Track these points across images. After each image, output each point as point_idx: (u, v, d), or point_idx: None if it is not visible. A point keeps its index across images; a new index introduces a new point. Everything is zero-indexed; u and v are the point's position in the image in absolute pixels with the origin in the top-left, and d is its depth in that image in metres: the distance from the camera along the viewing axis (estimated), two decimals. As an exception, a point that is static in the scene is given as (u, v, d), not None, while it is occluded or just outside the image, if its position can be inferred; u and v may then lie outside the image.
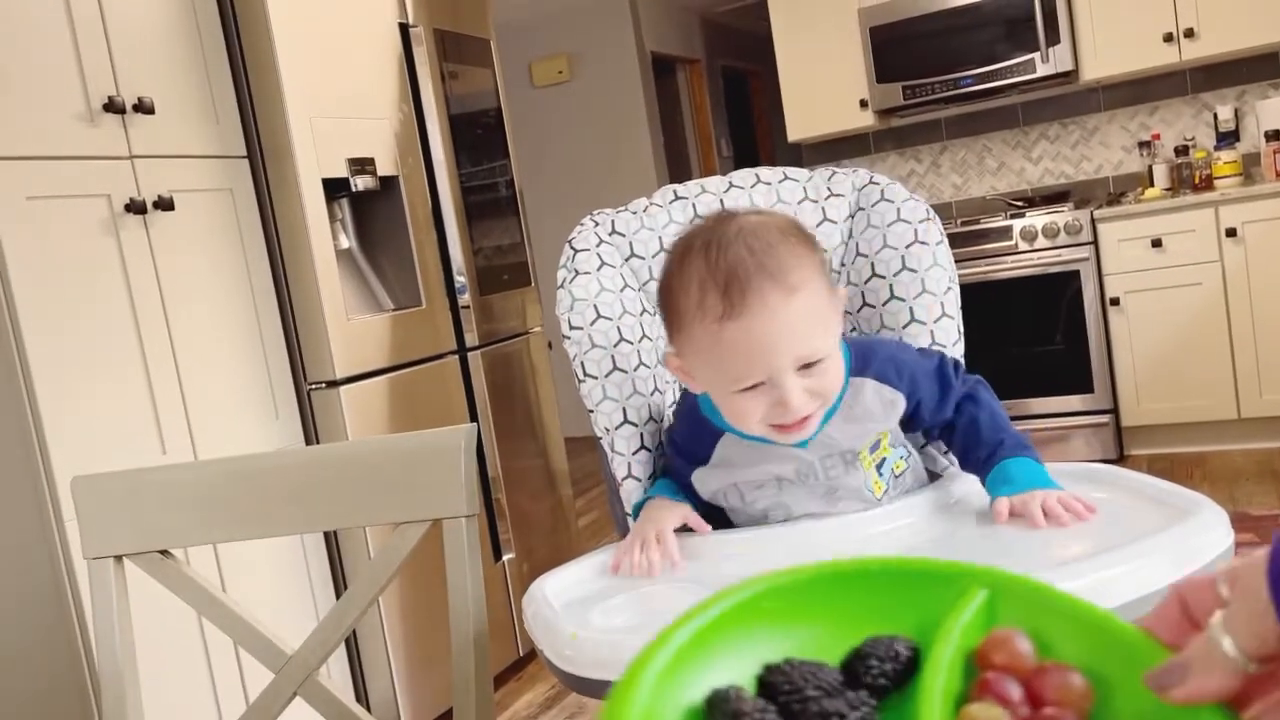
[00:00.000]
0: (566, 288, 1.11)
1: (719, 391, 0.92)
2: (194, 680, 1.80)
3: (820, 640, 0.47)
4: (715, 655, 0.45)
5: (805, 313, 0.88)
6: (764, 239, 0.88)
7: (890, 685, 0.45)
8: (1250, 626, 0.37)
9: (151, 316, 1.79)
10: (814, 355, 0.88)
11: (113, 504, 1.00)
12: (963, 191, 4.13)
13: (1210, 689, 0.39)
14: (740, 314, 0.86)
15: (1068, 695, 0.42)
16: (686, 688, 0.44)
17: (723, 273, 0.87)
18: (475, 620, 0.92)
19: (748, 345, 0.86)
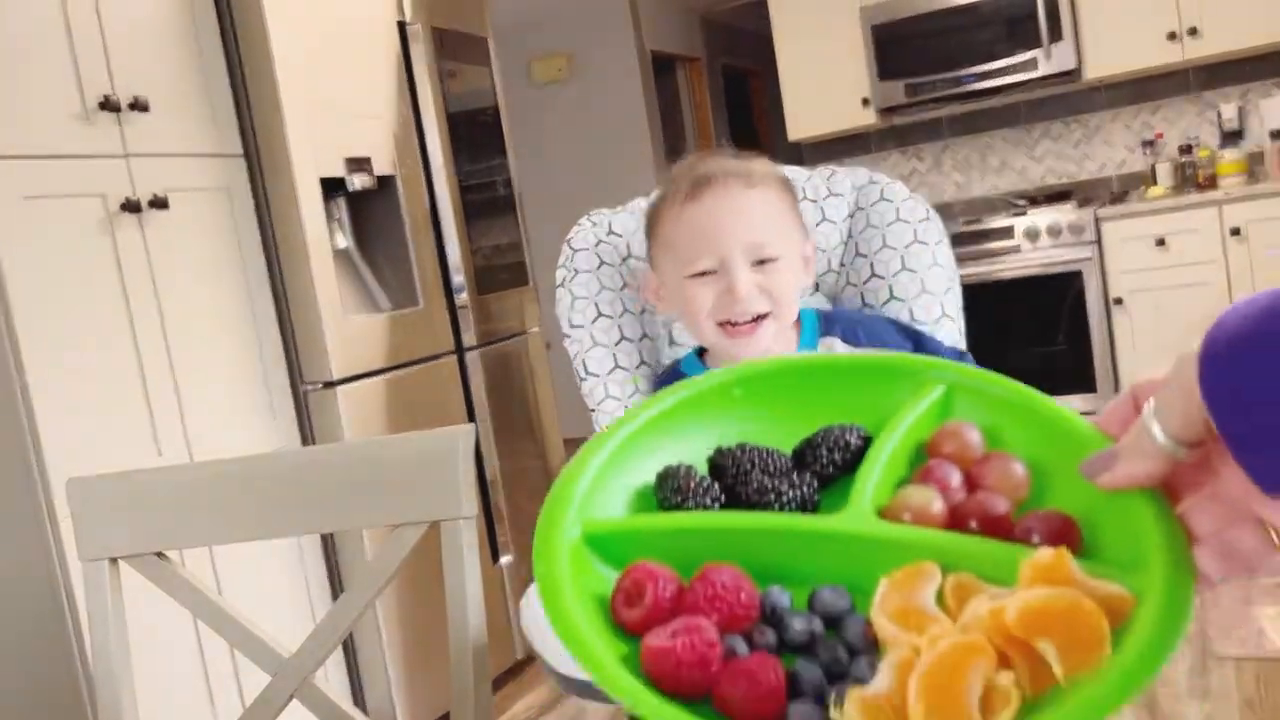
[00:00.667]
0: (567, 286, 1.10)
1: (678, 286, 0.96)
2: (189, 683, 1.79)
3: (779, 429, 0.48)
4: (675, 437, 0.47)
5: (762, 205, 0.95)
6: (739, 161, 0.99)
7: (836, 471, 0.46)
8: (1179, 411, 0.37)
9: (147, 316, 1.78)
10: (765, 249, 0.94)
11: (108, 506, 0.99)
12: (965, 191, 4.12)
13: (1138, 474, 0.39)
14: (701, 196, 0.95)
15: (1005, 482, 0.43)
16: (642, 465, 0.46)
17: (695, 173, 0.97)
18: (473, 623, 0.91)
19: (703, 224, 0.94)
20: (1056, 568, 0.37)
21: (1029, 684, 0.36)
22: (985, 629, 0.36)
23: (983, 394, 0.48)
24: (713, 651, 0.38)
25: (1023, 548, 0.40)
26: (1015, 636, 0.36)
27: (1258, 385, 0.34)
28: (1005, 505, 0.43)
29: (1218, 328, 0.37)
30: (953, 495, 0.44)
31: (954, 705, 0.34)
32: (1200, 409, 0.36)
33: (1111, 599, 0.37)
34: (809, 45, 3.94)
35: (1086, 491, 0.41)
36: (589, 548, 0.44)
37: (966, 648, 0.35)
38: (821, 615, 0.41)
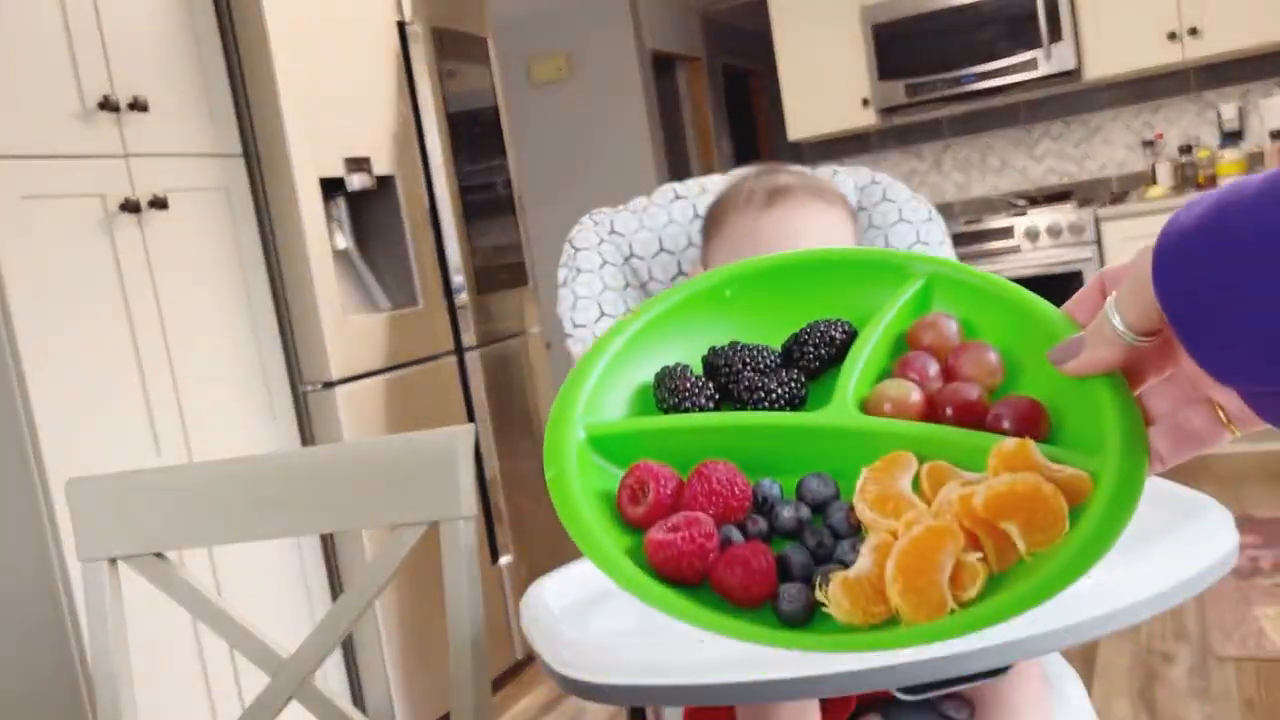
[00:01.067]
0: (569, 286, 1.10)
1: None
2: (189, 684, 1.79)
3: (770, 326, 0.51)
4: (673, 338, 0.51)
5: (837, 228, 0.96)
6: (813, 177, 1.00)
7: (822, 366, 0.49)
8: (1135, 302, 0.39)
9: (146, 316, 1.78)
10: None
11: (107, 506, 0.99)
12: (965, 191, 4.12)
13: (1099, 360, 0.42)
14: (779, 205, 0.95)
15: (979, 370, 0.46)
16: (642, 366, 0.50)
17: (771, 184, 0.97)
18: (473, 623, 0.91)
19: (776, 234, 0.93)
20: (1020, 454, 0.41)
21: (995, 561, 0.40)
22: (955, 513, 0.40)
23: (960, 284, 0.50)
24: (710, 542, 0.42)
25: (993, 436, 0.43)
26: (982, 518, 0.39)
27: (1203, 276, 0.36)
28: (978, 393, 0.45)
29: (1171, 222, 0.38)
30: (930, 385, 0.47)
31: (927, 582, 0.38)
32: (1154, 300, 0.38)
33: (1070, 480, 0.40)
34: (809, 45, 3.94)
35: (1054, 377, 0.44)
36: (593, 448, 0.47)
37: (938, 530, 0.39)
38: (808, 503, 0.45)
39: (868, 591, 0.39)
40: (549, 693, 2.34)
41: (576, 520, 0.42)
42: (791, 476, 0.45)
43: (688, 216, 1.16)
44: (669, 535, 0.42)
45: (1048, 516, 0.39)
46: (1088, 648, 2.16)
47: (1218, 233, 0.35)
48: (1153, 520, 0.83)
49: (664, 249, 1.15)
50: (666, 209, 1.17)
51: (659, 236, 1.15)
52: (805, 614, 0.40)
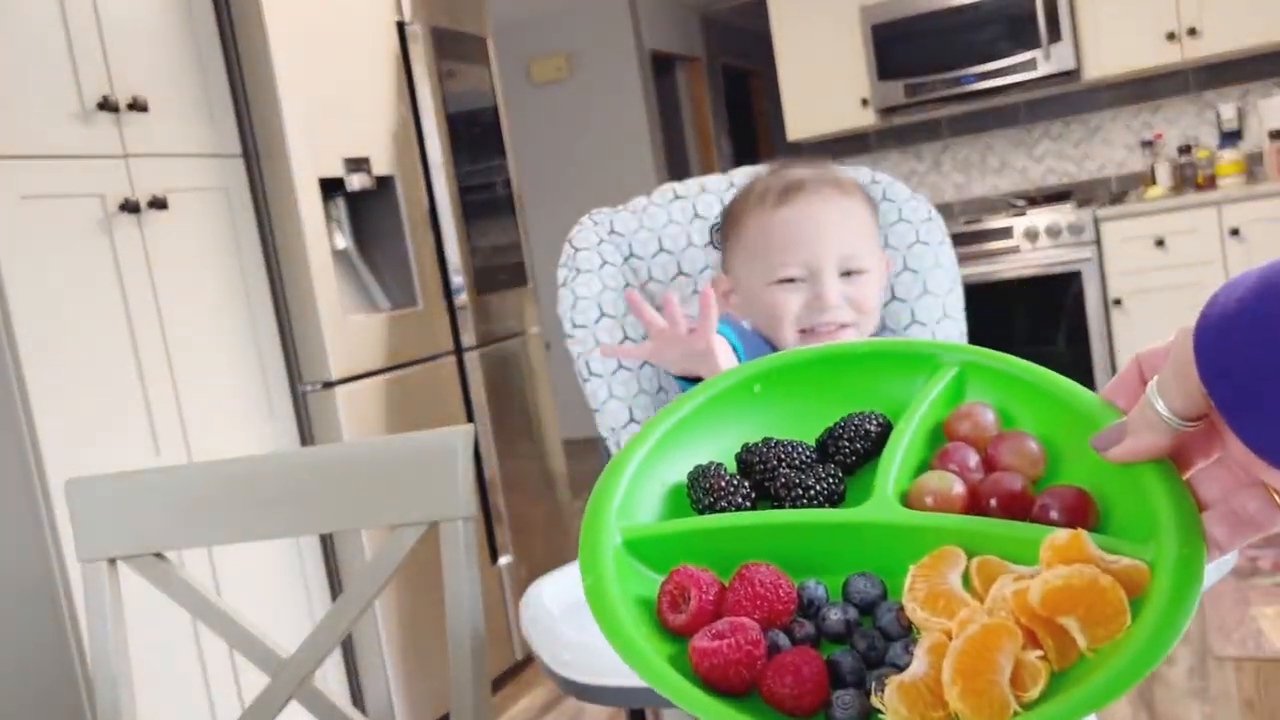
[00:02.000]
0: (569, 286, 1.10)
1: (759, 290, 0.94)
2: (188, 684, 1.79)
3: (802, 420, 0.50)
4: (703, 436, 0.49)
5: (855, 215, 0.94)
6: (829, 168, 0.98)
7: (859, 460, 0.48)
8: (1179, 387, 0.39)
9: (145, 317, 1.77)
10: (856, 260, 0.92)
11: (106, 506, 0.99)
12: (964, 191, 4.12)
13: (1144, 447, 0.41)
14: (794, 200, 0.92)
15: (1021, 459, 0.45)
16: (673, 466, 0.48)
17: (785, 179, 0.95)
18: (472, 624, 0.91)
19: (797, 228, 0.92)
20: (1074, 547, 0.39)
21: (1056, 659, 0.38)
22: (1011, 609, 0.38)
23: (994, 373, 0.49)
24: (758, 650, 0.40)
25: (1042, 526, 0.42)
26: (1040, 615, 0.38)
27: (1248, 360, 0.35)
28: (1021, 483, 0.44)
29: (1210, 305, 0.38)
30: (971, 476, 0.45)
31: (987, 683, 0.36)
32: (1198, 384, 0.37)
33: (1128, 571, 0.39)
34: (808, 45, 3.94)
35: (1098, 464, 0.43)
36: (630, 553, 0.46)
37: (996, 629, 0.37)
38: (855, 604, 0.43)
39: (925, 696, 0.37)
40: (548, 693, 2.33)
41: (617, 630, 0.41)
42: (835, 576, 0.44)
43: (687, 216, 1.16)
44: (715, 643, 0.40)
45: (1108, 610, 0.37)
46: (1087, 648, 2.16)
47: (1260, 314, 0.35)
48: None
49: (663, 249, 1.15)
50: (666, 209, 1.16)
51: (658, 236, 1.15)
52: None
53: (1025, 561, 0.41)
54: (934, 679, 0.37)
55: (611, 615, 0.42)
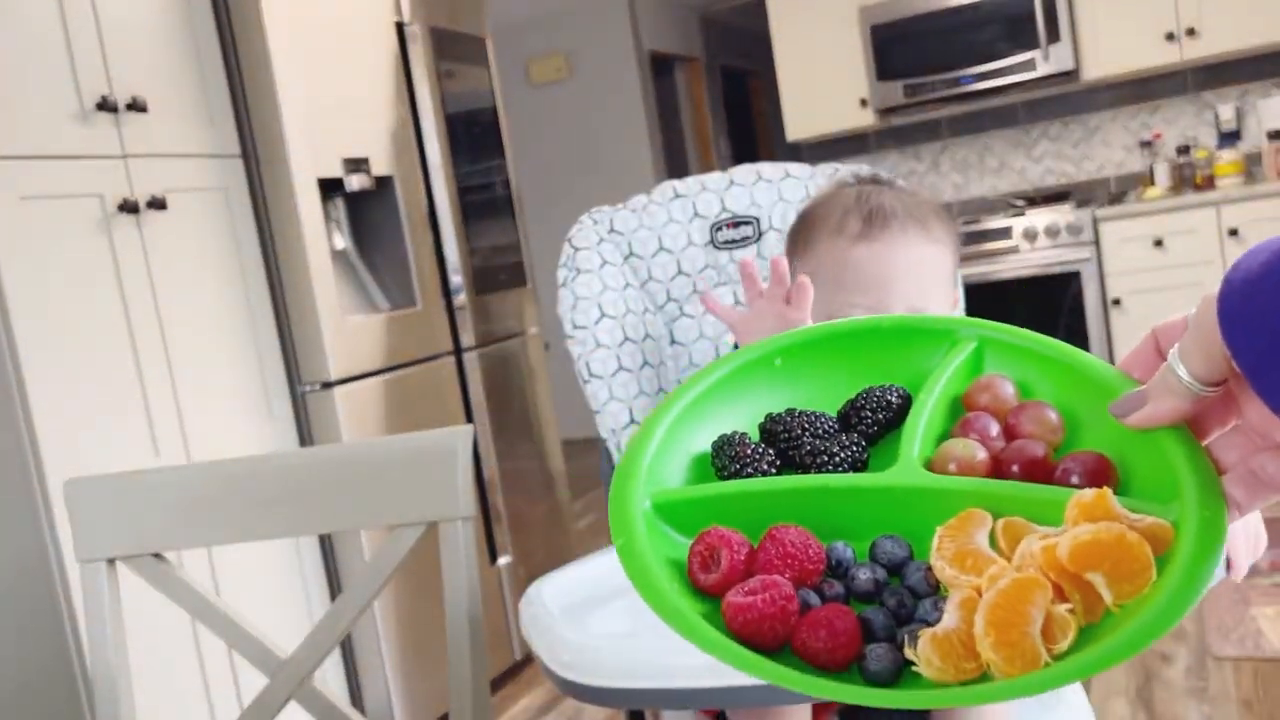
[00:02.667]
0: (569, 286, 1.10)
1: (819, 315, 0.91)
2: (187, 684, 1.79)
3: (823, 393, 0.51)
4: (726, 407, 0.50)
5: (934, 265, 0.89)
6: (915, 200, 0.92)
7: (880, 430, 0.49)
8: (1201, 351, 0.40)
9: (145, 317, 1.77)
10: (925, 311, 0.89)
11: (105, 507, 0.99)
12: (963, 191, 4.12)
13: (1164, 413, 0.42)
14: (877, 238, 0.87)
15: (1041, 428, 0.46)
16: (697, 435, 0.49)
17: (869, 206, 0.89)
18: (471, 624, 0.91)
19: (875, 269, 0.87)
20: (1100, 505, 0.40)
21: (1084, 612, 0.39)
22: (1040, 565, 0.39)
23: (1012, 347, 0.50)
24: (791, 604, 0.41)
25: (1064, 489, 0.42)
26: (1068, 570, 0.38)
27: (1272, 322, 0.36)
28: (1043, 449, 0.45)
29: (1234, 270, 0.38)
30: (992, 444, 0.46)
31: (1020, 635, 0.37)
32: (1221, 349, 0.38)
33: (1152, 529, 0.39)
34: (807, 45, 3.94)
35: (1117, 431, 0.44)
36: (659, 516, 0.46)
37: (1027, 583, 0.38)
38: (883, 565, 0.44)
39: (958, 648, 0.38)
40: (547, 693, 2.33)
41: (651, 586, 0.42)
42: (861, 540, 0.45)
43: (688, 215, 1.16)
44: (749, 599, 0.41)
45: (1134, 565, 0.38)
46: (1086, 648, 2.16)
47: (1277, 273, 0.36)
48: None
49: (663, 248, 1.15)
50: (666, 207, 1.16)
51: (658, 235, 1.15)
52: (893, 674, 0.39)
53: (1049, 523, 0.41)
54: (966, 632, 0.38)
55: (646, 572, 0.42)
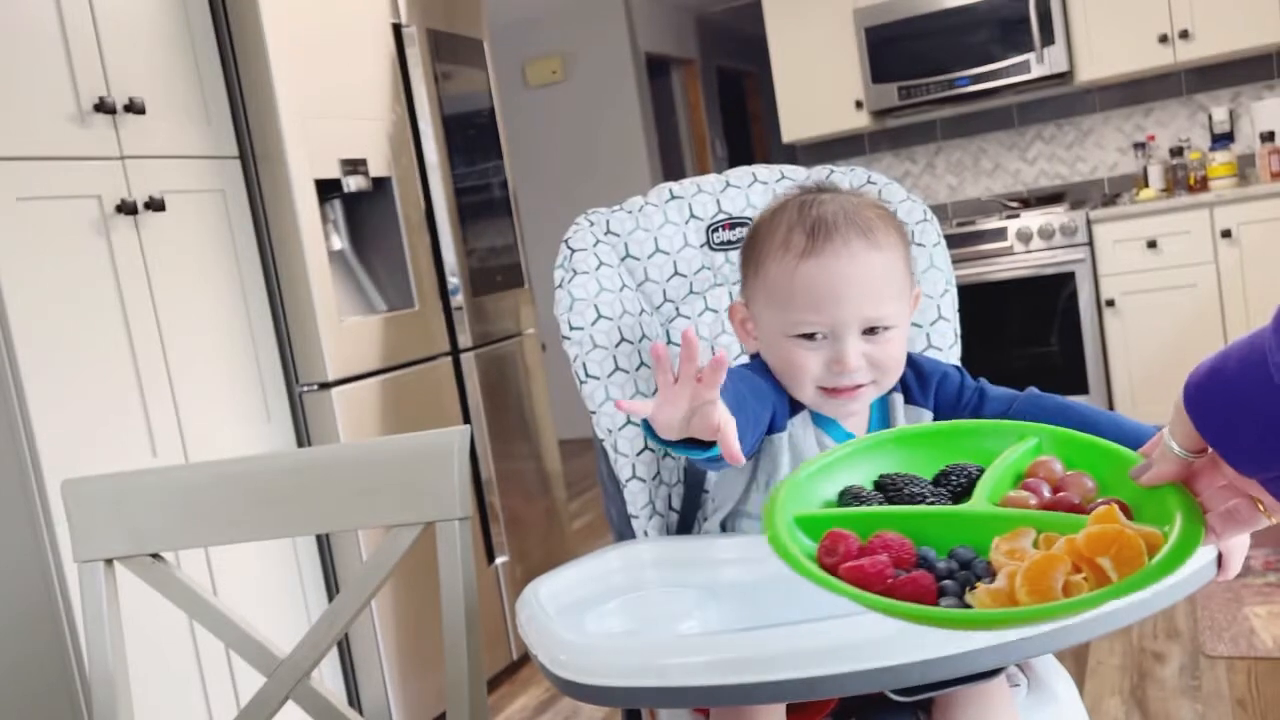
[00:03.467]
0: (565, 288, 1.10)
1: (777, 338, 0.91)
2: (185, 684, 1.79)
3: (920, 466, 0.68)
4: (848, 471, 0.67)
5: (884, 270, 0.89)
6: (858, 206, 0.91)
7: (963, 491, 0.65)
8: (1181, 429, 0.56)
9: (142, 318, 1.78)
10: (881, 319, 0.88)
11: (103, 507, 0.99)
12: (958, 193, 4.14)
13: (1164, 474, 0.58)
14: (821, 252, 0.87)
15: (1080, 489, 0.62)
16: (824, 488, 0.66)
17: (812, 219, 0.89)
18: (468, 624, 0.92)
19: (823, 285, 0.87)
20: (1109, 515, 0.56)
21: (1093, 584, 0.53)
22: (1064, 550, 0.54)
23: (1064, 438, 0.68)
24: (889, 569, 0.57)
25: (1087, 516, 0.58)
26: (1084, 554, 0.53)
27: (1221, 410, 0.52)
28: (1079, 499, 0.61)
29: (1191, 374, 0.54)
30: (1043, 498, 0.63)
31: (1045, 586, 0.52)
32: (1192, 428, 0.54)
33: (1148, 535, 0.54)
34: (803, 47, 3.95)
35: (1135, 491, 0.60)
36: (798, 526, 0.63)
37: (1052, 557, 0.54)
38: (958, 561, 0.59)
39: (1002, 597, 0.54)
40: (544, 693, 2.34)
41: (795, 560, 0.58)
42: (943, 551, 0.60)
43: (684, 216, 1.16)
44: (859, 562, 0.57)
45: (1131, 553, 0.53)
46: (1079, 647, 2.17)
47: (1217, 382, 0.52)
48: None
49: (659, 249, 1.15)
50: (662, 209, 1.17)
51: (655, 237, 1.15)
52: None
53: None
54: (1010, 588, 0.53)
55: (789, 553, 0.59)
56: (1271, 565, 2.40)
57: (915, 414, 0.97)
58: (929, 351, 1.13)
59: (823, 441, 0.94)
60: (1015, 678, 0.97)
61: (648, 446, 1.07)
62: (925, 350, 1.13)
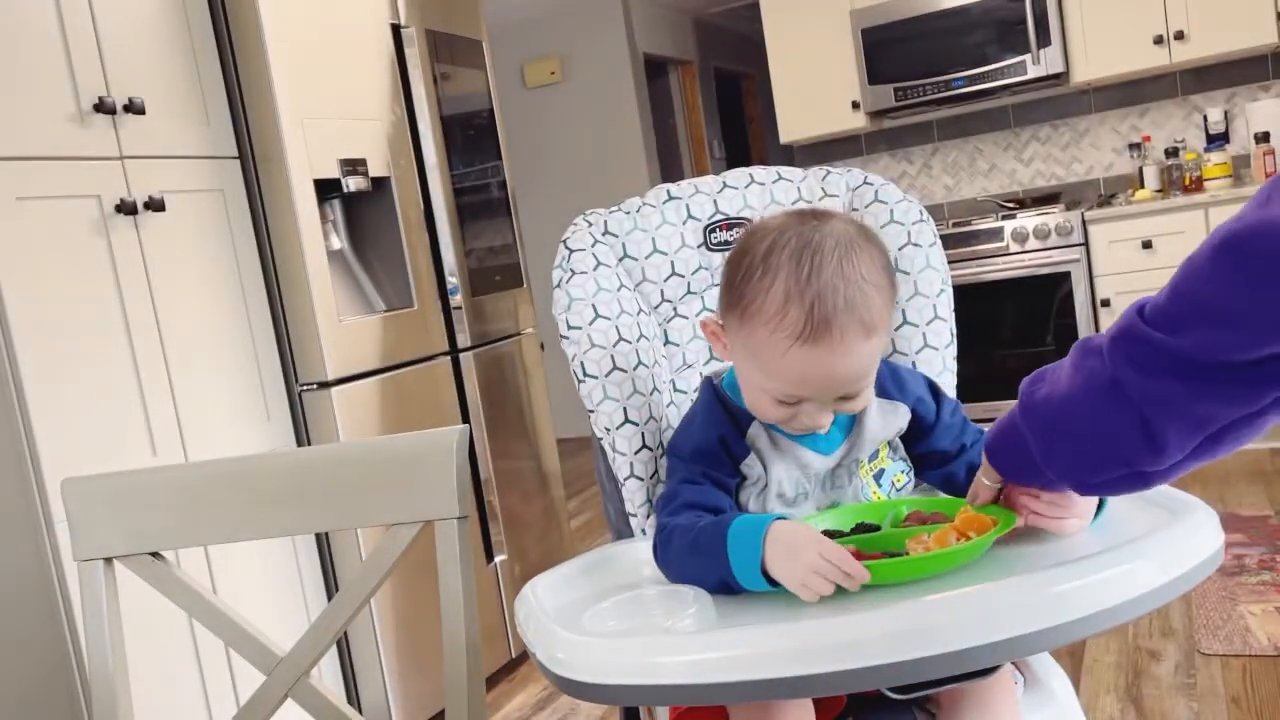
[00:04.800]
0: (564, 287, 1.10)
1: (752, 385, 0.92)
2: (185, 683, 1.80)
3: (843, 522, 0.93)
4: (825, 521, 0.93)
5: (872, 356, 0.89)
6: (857, 265, 0.87)
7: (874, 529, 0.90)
8: (987, 468, 0.87)
9: (142, 317, 1.78)
10: (861, 388, 0.90)
11: (103, 506, 1.00)
12: (954, 193, 4.14)
13: (986, 497, 0.88)
14: (819, 342, 0.85)
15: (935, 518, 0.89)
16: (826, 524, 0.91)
17: (813, 293, 0.85)
18: (467, 622, 0.92)
19: (812, 372, 0.87)
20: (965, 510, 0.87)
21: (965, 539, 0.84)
22: (953, 526, 0.84)
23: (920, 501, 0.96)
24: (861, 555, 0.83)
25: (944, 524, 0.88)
26: (960, 529, 0.83)
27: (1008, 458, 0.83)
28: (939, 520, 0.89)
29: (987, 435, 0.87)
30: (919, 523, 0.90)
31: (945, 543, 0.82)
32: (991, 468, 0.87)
33: (986, 518, 0.85)
34: (800, 49, 3.96)
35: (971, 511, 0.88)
36: None
37: (946, 530, 0.84)
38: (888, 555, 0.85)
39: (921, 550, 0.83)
40: (542, 690, 2.34)
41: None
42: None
43: (681, 217, 1.17)
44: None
45: (983, 526, 0.84)
46: (1075, 645, 2.18)
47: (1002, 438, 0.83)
48: (1142, 521, 0.84)
49: (657, 249, 1.16)
50: (660, 209, 1.17)
51: (653, 237, 1.16)
52: None
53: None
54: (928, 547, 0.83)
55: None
56: (1266, 564, 2.41)
57: (891, 408, 0.98)
58: (925, 351, 1.14)
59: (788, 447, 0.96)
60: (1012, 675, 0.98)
61: (645, 445, 1.08)
62: (921, 350, 1.14)
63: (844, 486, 0.97)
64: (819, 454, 0.95)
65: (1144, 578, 0.74)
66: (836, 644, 0.69)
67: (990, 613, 0.69)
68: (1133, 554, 0.75)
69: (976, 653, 0.68)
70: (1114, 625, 0.73)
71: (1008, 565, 0.83)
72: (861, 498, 0.97)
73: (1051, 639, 0.70)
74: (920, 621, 0.69)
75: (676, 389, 1.14)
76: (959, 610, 0.70)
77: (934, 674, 0.69)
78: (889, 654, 0.68)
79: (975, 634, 0.68)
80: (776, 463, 0.95)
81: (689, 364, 1.16)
